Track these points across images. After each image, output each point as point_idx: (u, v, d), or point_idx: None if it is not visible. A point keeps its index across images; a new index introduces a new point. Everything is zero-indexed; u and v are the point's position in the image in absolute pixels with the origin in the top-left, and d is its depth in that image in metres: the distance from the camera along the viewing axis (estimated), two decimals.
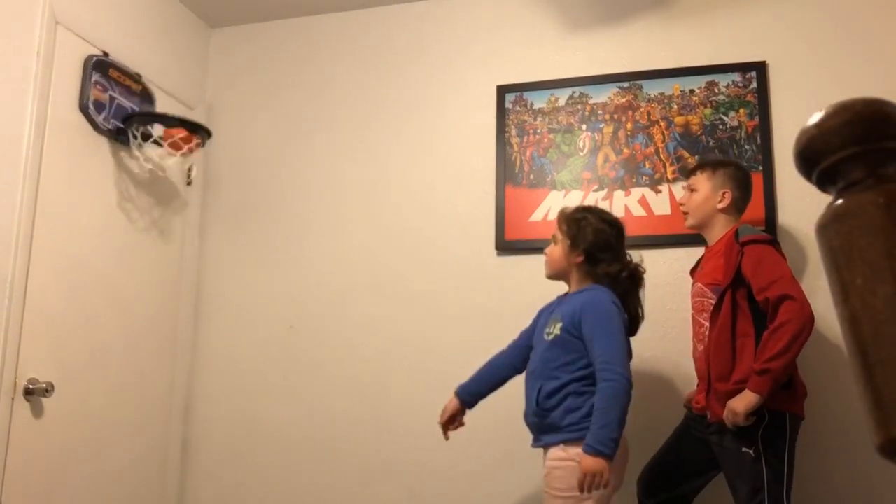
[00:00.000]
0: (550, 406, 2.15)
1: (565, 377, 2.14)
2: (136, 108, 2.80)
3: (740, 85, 2.74)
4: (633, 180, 2.78)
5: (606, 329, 2.11)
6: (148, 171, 2.89)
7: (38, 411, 2.35)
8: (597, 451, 1.96)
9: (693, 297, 2.38)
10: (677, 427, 2.41)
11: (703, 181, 2.40)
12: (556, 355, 2.17)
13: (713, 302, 2.24)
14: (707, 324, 2.26)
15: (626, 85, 2.86)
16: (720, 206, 2.36)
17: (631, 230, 2.73)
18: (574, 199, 2.81)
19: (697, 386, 2.33)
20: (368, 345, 2.94)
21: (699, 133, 2.75)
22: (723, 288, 2.21)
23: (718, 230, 2.36)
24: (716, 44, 2.79)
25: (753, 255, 2.18)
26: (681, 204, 2.49)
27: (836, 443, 2.44)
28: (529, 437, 2.31)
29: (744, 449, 2.11)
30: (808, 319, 2.04)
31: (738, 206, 2.39)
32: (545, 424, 2.17)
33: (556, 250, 2.28)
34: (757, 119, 2.70)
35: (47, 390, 2.33)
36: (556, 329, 2.18)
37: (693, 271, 2.49)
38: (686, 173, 2.52)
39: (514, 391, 2.77)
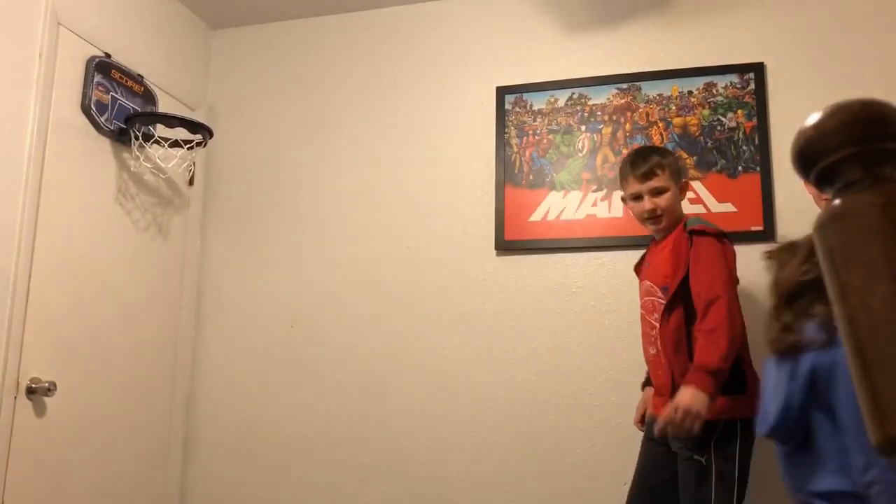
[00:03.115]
0: None
1: None
2: (138, 109, 2.81)
3: (738, 86, 2.75)
4: None
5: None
6: (150, 171, 2.90)
7: (40, 410, 2.36)
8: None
9: (642, 297, 2.26)
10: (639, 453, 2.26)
11: (667, 178, 2.21)
12: None
13: (663, 301, 2.11)
14: (658, 325, 2.12)
15: (624, 86, 2.87)
16: (683, 198, 2.30)
17: (631, 230, 2.74)
18: (573, 200, 2.82)
19: (654, 393, 2.19)
20: (369, 345, 2.94)
21: (697, 134, 2.76)
22: (674, 285, 2.08)
23: (675, 224, 2.22)
24: (714, 45, 2.80)
25: (698, 247, 2.07)
26: (651, 210, 2.20)
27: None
28: (529, 434, 2.31)
29: (695, 457, 1.99)
30: (738, 324, 1.98)
31: None
32: None
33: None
34: (755, 120, 2.71)
35: (49, 389, 2.33)
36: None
37: (637, 268, 2.38)
38: (641, 175, 2.22)
39: (514, 390, 2.78)
